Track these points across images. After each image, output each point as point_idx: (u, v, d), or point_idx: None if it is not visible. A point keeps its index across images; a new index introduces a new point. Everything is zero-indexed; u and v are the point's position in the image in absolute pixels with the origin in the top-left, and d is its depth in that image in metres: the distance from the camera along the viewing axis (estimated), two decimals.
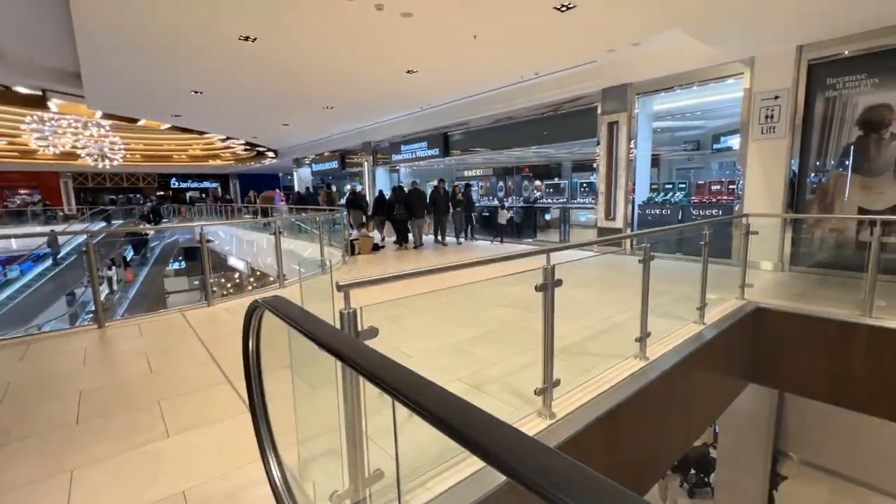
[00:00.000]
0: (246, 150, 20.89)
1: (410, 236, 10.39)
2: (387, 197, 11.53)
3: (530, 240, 10.91)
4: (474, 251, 9.34)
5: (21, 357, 3.75)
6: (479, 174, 17.22)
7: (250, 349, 1.72)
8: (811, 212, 6.37)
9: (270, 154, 21.45)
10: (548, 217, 10.63)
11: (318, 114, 12.07)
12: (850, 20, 5.48)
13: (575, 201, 10.13)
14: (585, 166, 13.55)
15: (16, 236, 21.75)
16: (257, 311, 1.64)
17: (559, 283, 2.64)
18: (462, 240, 10.16)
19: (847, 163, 6.01)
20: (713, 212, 7.49)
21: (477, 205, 11.42)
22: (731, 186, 7.51)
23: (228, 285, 15.78)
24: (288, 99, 10.28)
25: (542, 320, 2.60)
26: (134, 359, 3.63)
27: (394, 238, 10.87)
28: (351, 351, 1.07)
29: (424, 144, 13.52)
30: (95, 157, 18.32)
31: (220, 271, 17.02)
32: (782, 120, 6.42)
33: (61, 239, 14.87)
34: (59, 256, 14.08)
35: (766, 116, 6.57)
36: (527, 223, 11.17)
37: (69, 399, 2.92)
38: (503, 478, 1.98)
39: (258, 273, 15.54)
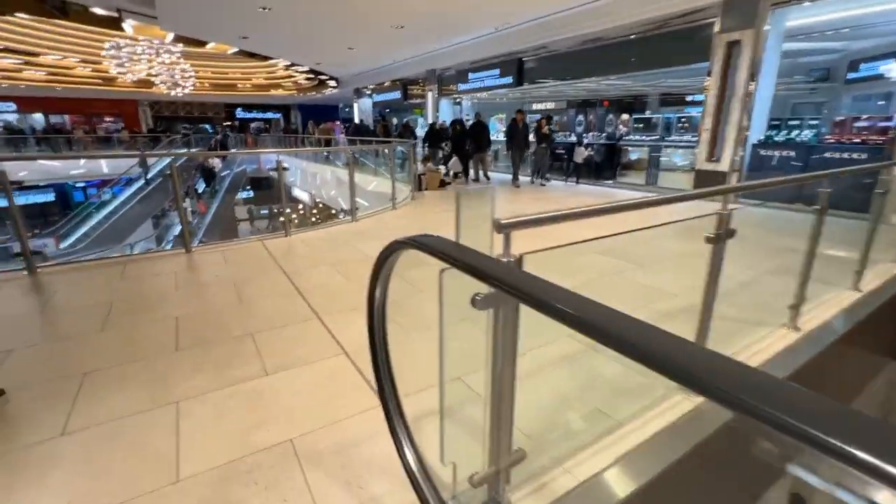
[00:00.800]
0: (308, 78, 20.51)
1: (472, 172, 10.01)
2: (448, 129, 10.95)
3: (610, 182, 9.93)
4: (575, 194, 8.66)
5: (120, 276, 3.83)
6: (550, 107, 15.80)
7: (376, 302, 1.38)
8: None
9: (332, 83, 20.94)
10: (634, 156, 9.52)
11: (387, 35, 11.24)
12: None
13: (669, 139, 8.91)
14: (680, 100, 11.87)
15: (109, 156, 23.52)
16: (396, 253, 1.27)
17: (732, 233, 2.08)
18: (544, 181, 9.38)
19: None
20: (857, 155, 6.20)
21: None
22: (884, 123, 6.12)
23: (294, 217, 16.21)
24: (358, 14, 9.53)
25: (706, 281, 2.08)
26: (223, 286, 3.58)
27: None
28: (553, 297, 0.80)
29: (496, 72, 12.37)
30: (169, 84, 18.77)
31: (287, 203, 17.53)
32: None
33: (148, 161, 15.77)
34: (148, 176, 15.01)
35: None
36: (606, 163, 10.13)
37: (167, 324, 2.89)
38: (660, 465, 1.60)
39: (321, 205, 15.79)
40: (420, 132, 14.92)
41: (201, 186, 17.47)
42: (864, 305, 3.26)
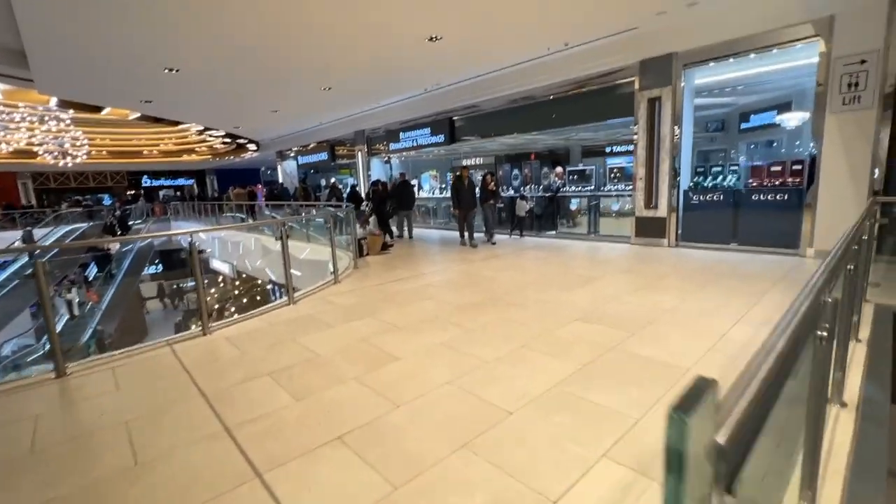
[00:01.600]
0: (225, 143, 19.30)
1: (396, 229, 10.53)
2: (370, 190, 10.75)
3: (553, 232, 9.95)
4: (524, 248, 8.36)
5: None
6: (479, 162, 16.16)
7: None
8: None
9: (251, 147, 19.91)
10: (573, 206, 9.67)
11: (313, 97, 10.78)
12: None
13: (605, 189, 9.20)
14: (600, 151, 12.62)
15: None
16: None
17: None
18: (493, 240, 9.00)
19: None
20: (778, 196, 6.64)
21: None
22: (795, 167, 6.66)
23: (216, 295, 14.38)
24: (281, 77, 8.99)
25: None
26: (110, 436, 2.50)
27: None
28: None
29: (427, 131, 12.36)
30: (55, 154, 16.54)
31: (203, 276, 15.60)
32: (869, 88, 5.56)
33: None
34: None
35: (849, 85, 5.70)
36: (548, 214, 10.20)
37: None
38: None
39: (244, 277, 14.23)
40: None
41: (93, 272, 14.92)
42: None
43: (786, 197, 6.58)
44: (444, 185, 14.59)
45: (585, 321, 3.98)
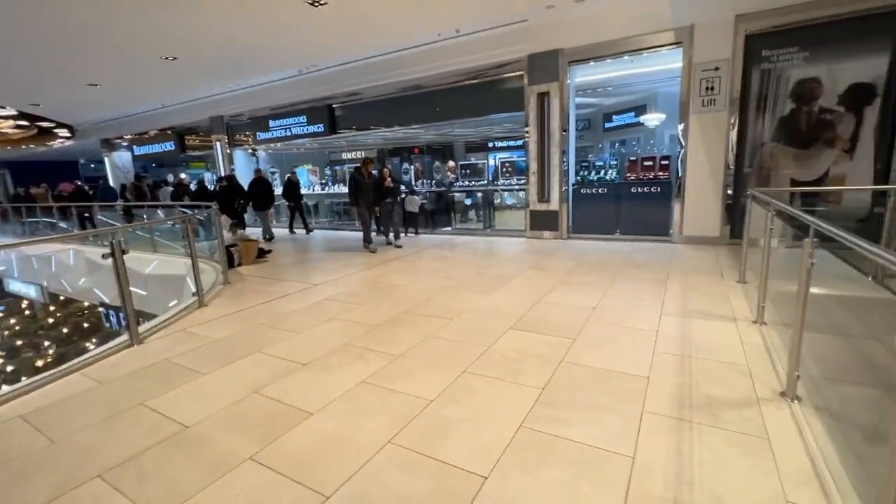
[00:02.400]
0: (19, 126, 14.77)
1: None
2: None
3: (448, 228, 9.63)
4: (423, 247, 7.67)
5: None
6: (359, 156, 15.14)
7: None
8: (749, 185, 6.46)
9: (62, 132, 15.64)
10: (468, 201, 9.47)
11: (152, 69, 8.61)
12: None
13: (499, 183, 9.18)
14: (482, 146, 12.74)
15: None
16: None
17: None
18: (398, 242, 8.03)
19: (781, 135, 6.17)
20: (652, 189, 7.25)
21: None
22: (663, 162, 7.36)
23: (13, 323, 10.80)
24: (104, 39, 6.86)
25: None
26: None
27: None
28: None
29: (302, 119, 10.98)
30: None
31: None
32: (723, 92, 6.31)
33: None
34: None
35: (707, 88, 6.40)
36: (442, 210, 9.85)
37: None
38: None
39: (62, 299, 10.99)
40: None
41: None
42: None
43: (658, 189, 7.23)
44: (324, 181, 13.30)
45: (519, 329, 3.58)
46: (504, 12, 6.77)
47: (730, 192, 6.51)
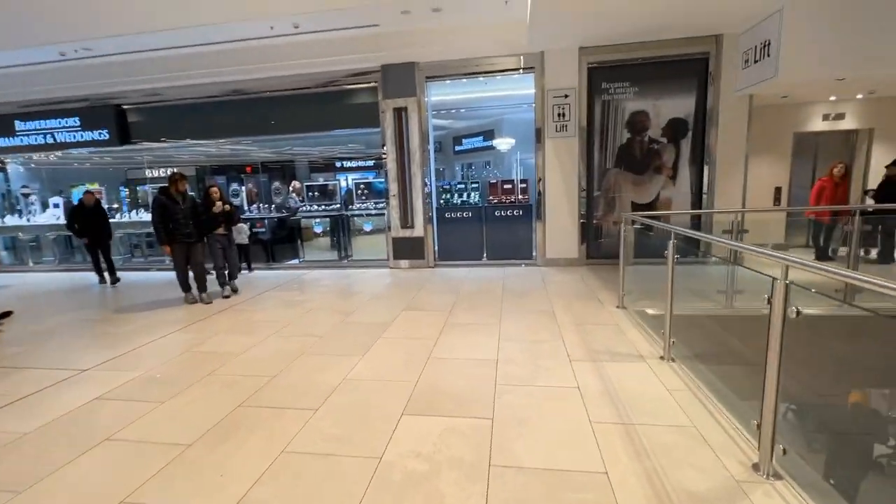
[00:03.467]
0: None
1: None
2: None
3: (296, 261, 8.07)
4: (269, 293, 5.83)
5: None
6: (160, 174, 12.07)
7: None
8: (600, 209, 6.81)
9: None
10: (318, 229, 8.05)
11: None
12: (612, 31, 5.86)
13: (354, 208, 8.02)
14: (329, 166, 11.41)
15: None
16: None
17: None
18: (233, 288, 5.95)
19: (622, 162, 6.66)
20: (515, 212, 7.14)
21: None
22: (521, 185, 7.36)
23: None
24: None
25: None
26: None
27: None
28: None
29: (75, 122, 8.05)
30: None
31: None
32: (572, 119, 6.54)
33: None
34: None
35: (559, 114, 6.56)
36: (285, 240, 8.23)
37: None
38: None
39: None
40: None
41: None
42: None
43: (521, 213, 7.16)
44: (117, 206, 10.08)
45: (416, 412, 2.61)
46: (350, 13, 5.84)
47: (583, 212, 6.76)
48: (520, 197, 7.29)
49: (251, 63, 7.01)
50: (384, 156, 7.15)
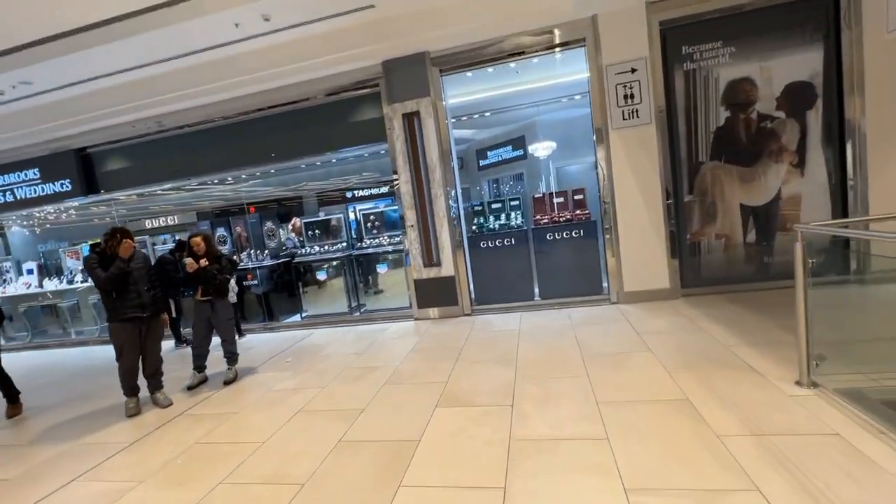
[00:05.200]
0: None
1: None
2: None
3: (298, 317, 6.47)
4: (256, 380, 4.23)
5: None
6: (170, 224, 10.85)
7: None
8: (695, 218, 4.94)
9: None
10: (322, 275, 6.44)
11: None
12: None
13: (363, 245, 6.41)
14: (337, 199, 9.94)
15: None
16: None
17: None
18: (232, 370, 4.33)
19: (721, 151, 4.81)
20: (573, 233, 5.35)
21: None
22: (576, 197, 5.58)
23: None
24: None
25: None
26: None
27: None
28: None
29: (35, 173, 6.86)
30: None
31: None
32: (645, 101, 4.77)
33: None
34: None
35: (626, 97, 4.81)
36: (283, 292, 6.68)
37: None
38: None
39: None
40: None
41: None
42: None
43: (580, 232, 5.36)
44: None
45: None
46: None
47: (671, 226, 4.90)
48: (576, 212, 5.50)
49: (223, 79, 5.61)
50: (396, 179, 5.55)
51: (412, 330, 5.25)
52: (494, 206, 5.91)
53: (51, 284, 7.52)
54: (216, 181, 6.83)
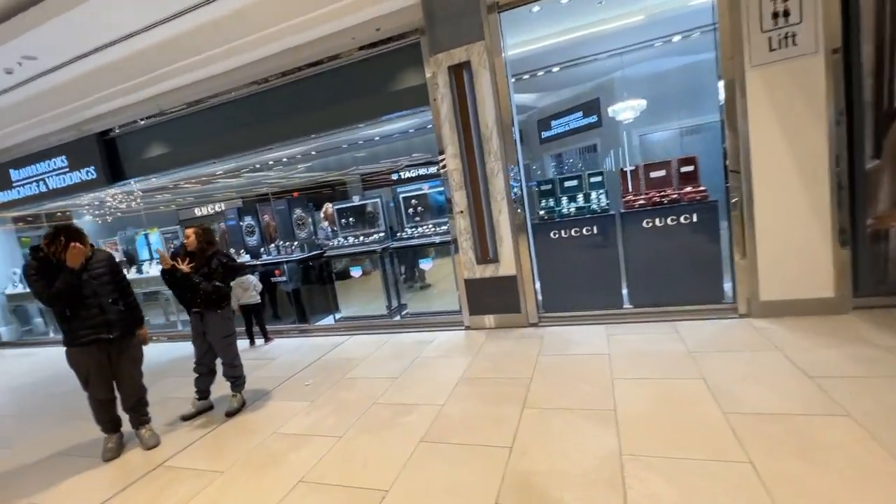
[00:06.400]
0: None
1: None
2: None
3: (330, 320, 5.59)
4: (272, 406, 3.43)
5: None
6: (207, 214, 10.36)
7: None
8: (881, 194, 3.32)
9: None
10: (357, 271, 5.48)
11: None
12: None
13: (404, 236, 5.35)
14: (383, 182, 8.93)
15: None
16: None
17: None
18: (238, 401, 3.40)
19: None
20: (682, 218, 3.91)
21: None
22: (684, 169, 4.10)
23: None
24: None
25: None
26: None
27: None
28: None
29: (63, 161, 6.46)
30: None
31: None
32: (807, 19, 3.19)
33: None
34: None
35: (775, 14, 3.25)
36: (316, 287, 5.82)
37: None
38: None
39: None
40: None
41: None
42: None
43: (692, 218, 3.90)
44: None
45: None
46: None
47: (841, 207, 3.32)
48: (685, 190, 4.03)
49: (251, 33, 4.68)
50: (441, 148, 4.37)
51: (462, 345, 4.13)
52: (568, 184, 4.55)
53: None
54: (258, 165, 6.04)
